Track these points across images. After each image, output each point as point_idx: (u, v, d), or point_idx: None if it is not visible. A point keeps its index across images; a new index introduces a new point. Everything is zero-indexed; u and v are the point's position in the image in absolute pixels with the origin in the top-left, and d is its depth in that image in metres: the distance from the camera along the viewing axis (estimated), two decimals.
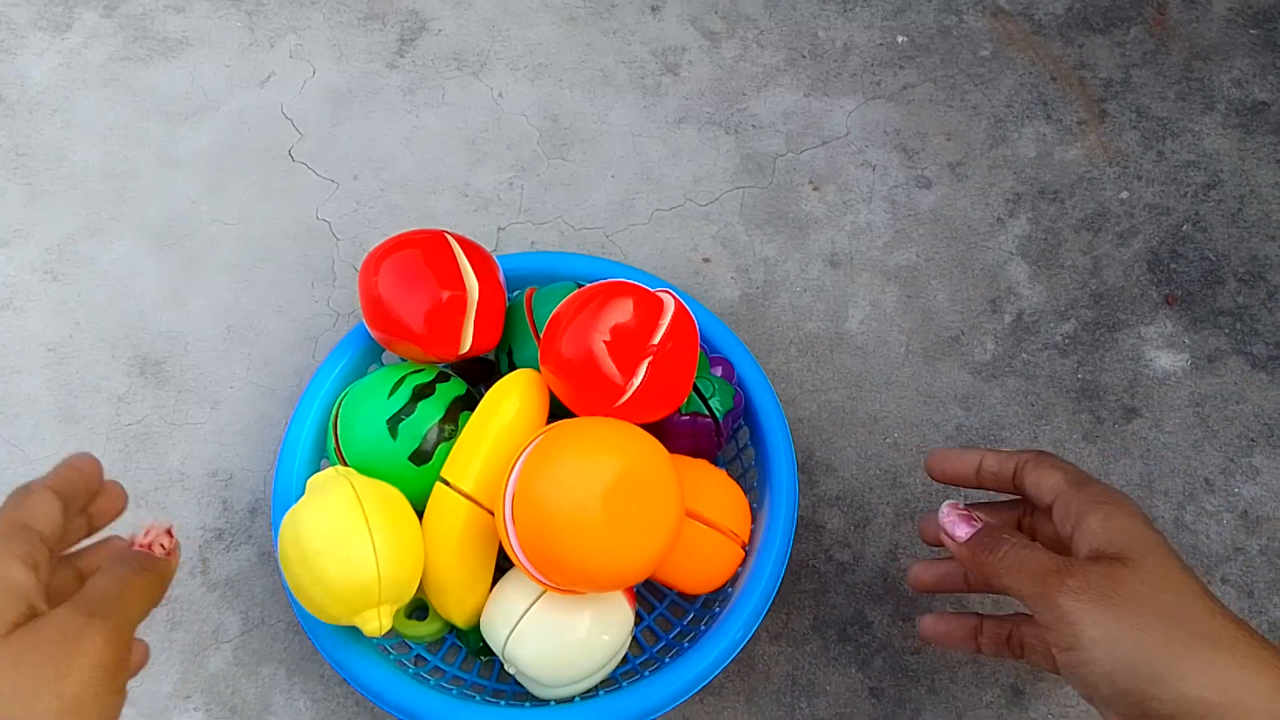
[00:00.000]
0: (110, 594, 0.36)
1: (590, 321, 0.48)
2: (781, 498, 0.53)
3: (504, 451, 0.50)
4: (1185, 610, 0.37)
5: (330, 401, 0.57)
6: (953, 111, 0.72)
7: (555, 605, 0.48)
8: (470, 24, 0.75)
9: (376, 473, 0.51)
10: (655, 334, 0.49)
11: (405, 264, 0.52)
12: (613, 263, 0.62)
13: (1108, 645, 0.37)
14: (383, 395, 0.52)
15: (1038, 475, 0.45)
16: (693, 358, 0.51)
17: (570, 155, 0.71)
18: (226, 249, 0.68)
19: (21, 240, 0.68)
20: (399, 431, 0.51)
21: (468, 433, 0.51)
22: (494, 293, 0.54)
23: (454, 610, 0.51)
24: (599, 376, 0.48)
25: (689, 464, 0.53)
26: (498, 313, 0.55)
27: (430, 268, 0.52)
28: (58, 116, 0.72)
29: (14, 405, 0.63)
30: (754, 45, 0.74)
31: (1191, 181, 0.69)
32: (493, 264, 0.55)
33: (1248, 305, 0.65)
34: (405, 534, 0.48)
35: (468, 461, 0.50)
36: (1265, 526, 0.59)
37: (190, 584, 0.59)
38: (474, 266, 0.53)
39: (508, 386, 0.52)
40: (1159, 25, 0.75)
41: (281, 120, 0.72)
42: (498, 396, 0.52)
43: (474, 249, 0.55)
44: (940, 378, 0.63)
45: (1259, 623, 0.57)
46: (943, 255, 0.67)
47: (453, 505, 0.50)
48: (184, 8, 0.76)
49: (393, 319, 0.52)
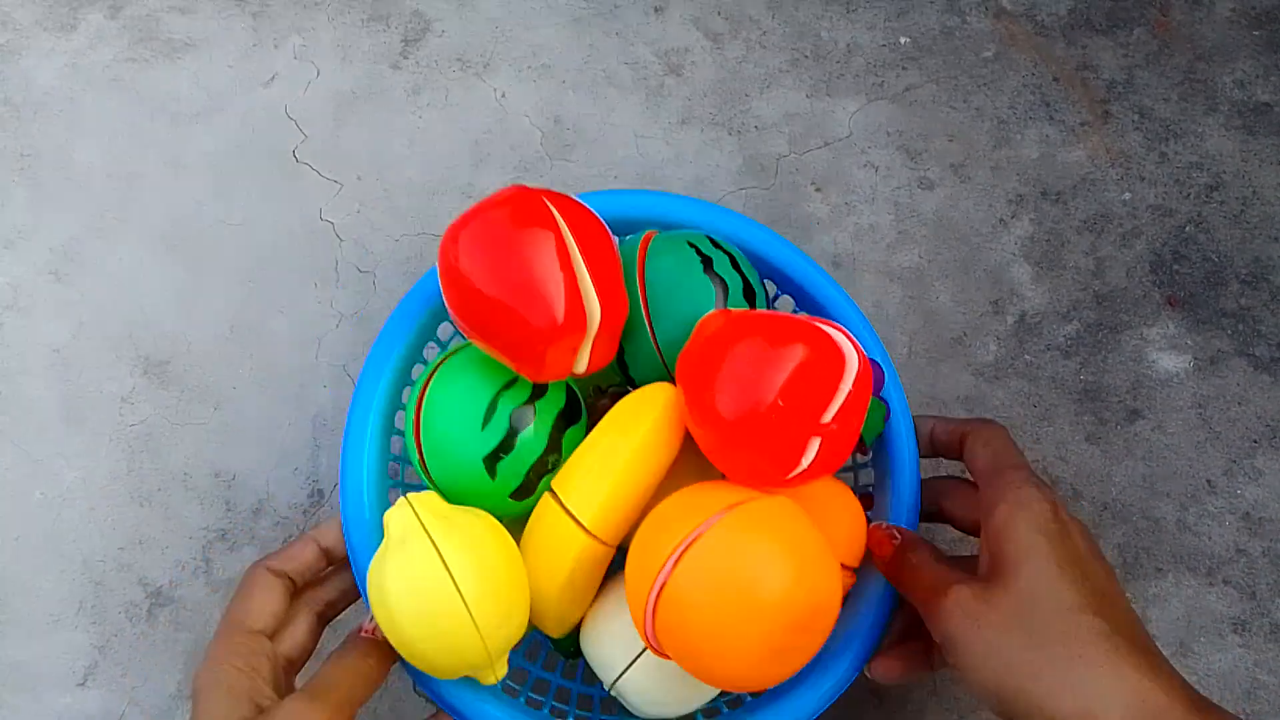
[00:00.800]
0: (334, 679, 0.41)
1: (758, 378, 0.38)
2: (901, 522, 0.48)
3: (633, 484, 0.44)
4: (1053, 626, 0.37)
5: (394, 389, 0.49)
6: (956, 113, 0.72)
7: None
8: (474, 25, 0.75)
9: (474, 504, 0.45)
10: (831, 403, 0.39)
11: (508, 265, 0.41)
12: (734, 214, 0.51)
13: (980, 665, 0.37)
14: (475, 426, 0.44)
15: (972, 449, 0.45)
16: (863, 415, 0.41)
17: (573, 156, 0.71)
18: (230, 250, 0.68)
19: (26, 242, 0.68)
20: (498, 471, 0.44)
21: (590, 452, 0.45)
22: (617, 309, 0.43)
23: (551, 626, 0.47)
24: (759, 451, 0.39)
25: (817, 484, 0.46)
26: (617, 330, 0.45)
27: (542, 277, 0.41)
28: (62, 118, 0.72)
29: (18, 406, 0.63)
30: (757, 46, 0.74)
31: (1194, 183, 0.69)
32: (614, 261, 0.44)
33: (1251, 307, 0.65)
34: (504, 587, 0.42)
35: (590, 491, 0.44)
36: (1268, 528, 0.59)
37: (193, 584, 0.59)
38: (592, 274, 0.42)
39: (643, 404, 0.45)
40: (1162, 26, 0.75)
41: (285, 121, 0.72)
42: (629, 415, 0.45)
43: (593, 234, 0.43)
44: (943, 379, 0.63)
45: (1261, 624, 0.57)
46: (945, 256, 0.67)
47: (566, 535, 0.44)
48: (189, 9, 0.76)
49: (490, 330, 0.42)
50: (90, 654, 0.57)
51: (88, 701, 0.56)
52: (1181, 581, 0.58)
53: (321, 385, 0.64)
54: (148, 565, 0.59)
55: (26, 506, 0.61)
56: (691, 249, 0.47)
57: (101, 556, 0.60)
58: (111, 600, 0.59)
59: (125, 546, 0.60)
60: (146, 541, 0.60)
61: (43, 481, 0.61)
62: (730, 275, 0.46)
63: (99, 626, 0.58)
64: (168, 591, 0.59)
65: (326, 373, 0.64)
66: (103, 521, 0.60)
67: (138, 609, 0.58)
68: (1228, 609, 0.58)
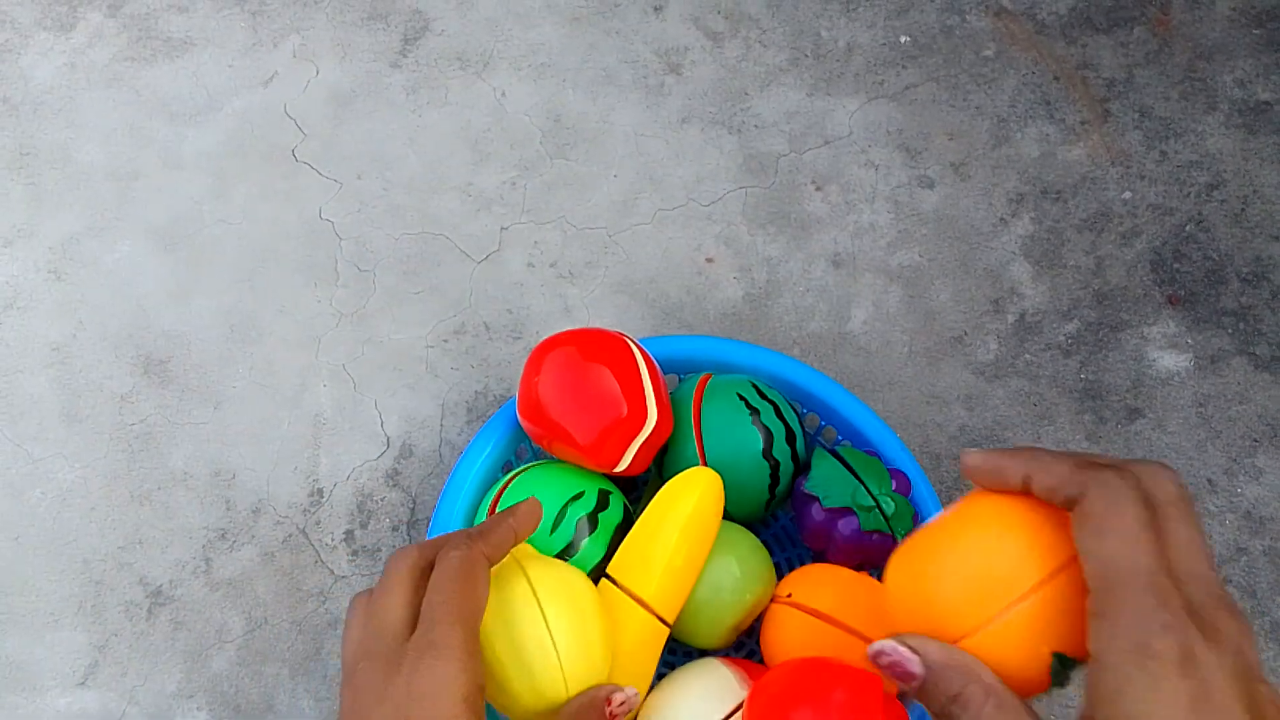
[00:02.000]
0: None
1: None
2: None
3: (683, 556, 0.48)
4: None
5: (479, 489, 0.54)
6: (955, 111, 0.72)
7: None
8: (473, 24, 0.75)
9: None
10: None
11: (588, 372, 0.50)
12: (787, 358, 0.57)
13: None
14: (545, 530, 0.49)
15: (1085, 541, 0.30)
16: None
17: (573, 155, 0.71)
18: (230, 249, 0.68)
19: (26, 240, 0.68)
20: None
21: (643, 534, 0.48)
22: (665, 426, 0.52)
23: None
24: None
25: (854, 580, 0.49)
26: (657, 447, 0.52)
27: (619, 380, 0.50)
28: (62, 116, 0.72)
29: (18, 404, 0.63)
30: (757, 45, 0.74)
31: (1194, 181, 0.69)
32: (666, 389, 0.53)
33: (1251, 305, 0.65)
34: (590, 630, 0.43)
35: (646, 568, 0.47)
36: (1268, 527, 0.59)
37: (193, 584, 0.59)
38: (656, 395, 0.51)
39: (686, 486, 0.49)
40: (1162, 25, 0.75)
41: (285, 120, 0.72)
42: (674, 496, 0.48)
43: (654, 367, 0.52)
44: (943, 378, 0.63)
45: (1262, 623, 0.57)
46: (945, 255, 0.67)
47: (627, 611, 0.47)
48: (187, 8, 0.76)
49: (560, 425, 0.49)
50: (90, 653, 0.57)
51: (87, 701, 0.56)
52: None
53: (321, 384, 0.64)
54: (147, 564, 0.59)
55: (26, 506, 0.61)
56: (741, 401, 0.53)
57: (101, 556, 0.60)
58: (111, 599, 0.58)
59: (125, 546, 0.60)
60: (146, 541, 0.60)
61: (42, 481, 0.61)
62: (774, 424, 0.53)
63: (99, 626, 0.58)
64: (167, 591, 0.59)
65: (326, 372, 0.64)
66: (102, 521, 0.60)
67: (137, 608, 0.58)
68: None
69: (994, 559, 0.33)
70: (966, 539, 0.34)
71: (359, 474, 0.61)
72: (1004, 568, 0.33)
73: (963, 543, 0.34)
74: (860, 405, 0.56)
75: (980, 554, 0.34)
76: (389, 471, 0.61)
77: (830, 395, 0.56)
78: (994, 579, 0.33)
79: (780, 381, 0.57)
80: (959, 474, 0.62)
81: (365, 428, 0.62)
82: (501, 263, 0.67)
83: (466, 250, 0.68)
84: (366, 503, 0.61)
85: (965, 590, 0.33)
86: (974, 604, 0.33)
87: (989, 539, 0.34)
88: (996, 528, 0.34)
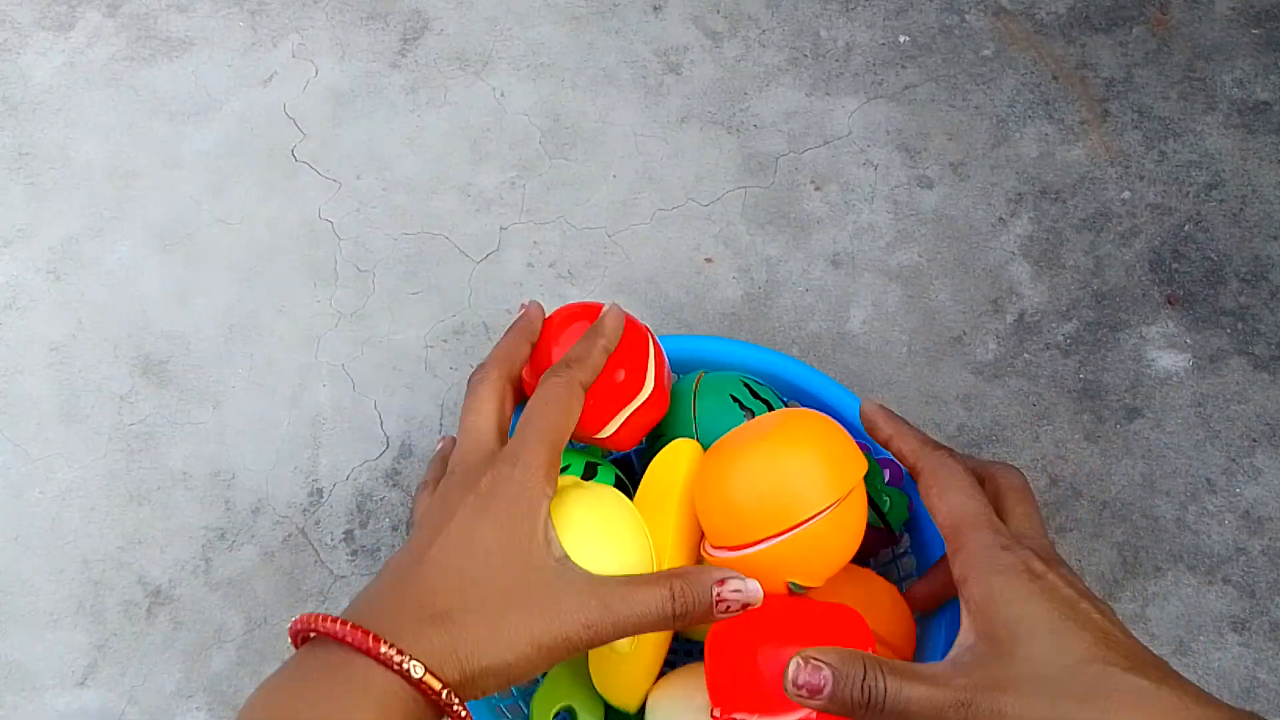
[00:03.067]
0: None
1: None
2: (945, 612, 0.49)
3: (689, 522, 0.47)
4: (1069, 687, 0.34)
5: None
6: (955, 111, 0.72)
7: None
8: (472, 24, 0.75)
9: None
10: None
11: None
12: (792, 359, 0.58)
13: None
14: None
15: (927, 495, 0.42)
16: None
17: (572, 155, 0.71)
18: (229, 249, 0.68)
19: (25, 240, 0.68)
20: None
21: (643, 506, 0.48)
22: (659, 403, 0.51)
23: (623, 695, 0.48)
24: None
25: (855, 574, 0.49)
26: (648, 425, 0.51)
27: (621, 345, 0.49)
28: (61, 116, 0.72)
29: (17, 404, 0.63)
30: (756, 45, 0.74)
31: (1193, 181, 0.69)
32: (668, 372, 0.52)
33: (1250, 305, 0.65)
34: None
35: (659, 538, 0.46)
36: (1267, 527, 0.59)
37: (193, 583, 0.59)
38: (657, 370, 0.50)
39: (674, 457, 0.48)
40: (1161, 25, 0.75)
41: (284, 120, 0.72)
42: (668, 465, 0.48)
43: (660, 352, 0.52)
44: (942, 378, 0.63)
45: (1261, 623, 0.57)
46: (945, 255, 0.67)
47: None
48: (187, 7, 0.76)
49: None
50: (89, 653, 0.57)
51: (87, 701, 0.56)
52: (1181, 580, 0.58)
53: (321, 384, 0.64)
54: (147, 564, 0.59)
55: (25, 506, 0.61)
56: (734, 402, 0.53)
57: (100, 556, 0.60)
58: (111, 599, 0.59)
59: (124, 546, 0.60)
60: (145, 541, 0.60)
61: (41, 480, 0.61)
62: None
63: (98, 626, 0.58)
64: (167, 591, 0.59)
65: (326, 372, 0.64)
66: (102, 521, 0.60)
67: (137, 608, 0.58)
68: (1227, 608, 0.58)
69: (795, 478, 0.42)
70: (773, 457, 0.42)
71: (358, 474, 0.61)
72: (803, 487, 0.42)
73: (768, 460, 0.42)
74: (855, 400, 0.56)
75: (784, 472, 0.42)
76: (389, 471, 0.61)
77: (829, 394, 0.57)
78: (794, 495, 0.42)
79: (778, 380, 0.58)
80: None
81: (365, 427, 0.62)
82: (501, 263, 0.67)
83: (466, 250, 0.68)
84: (366, 502, 0.61)
85: (766, 501, 0.42)
86: (773, 515, 0.42)
87: (794, 459, 0.42)
88: (801, 450, 0.42)
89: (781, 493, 0.42)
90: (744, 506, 0.43)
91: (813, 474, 0.42)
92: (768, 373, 0.57)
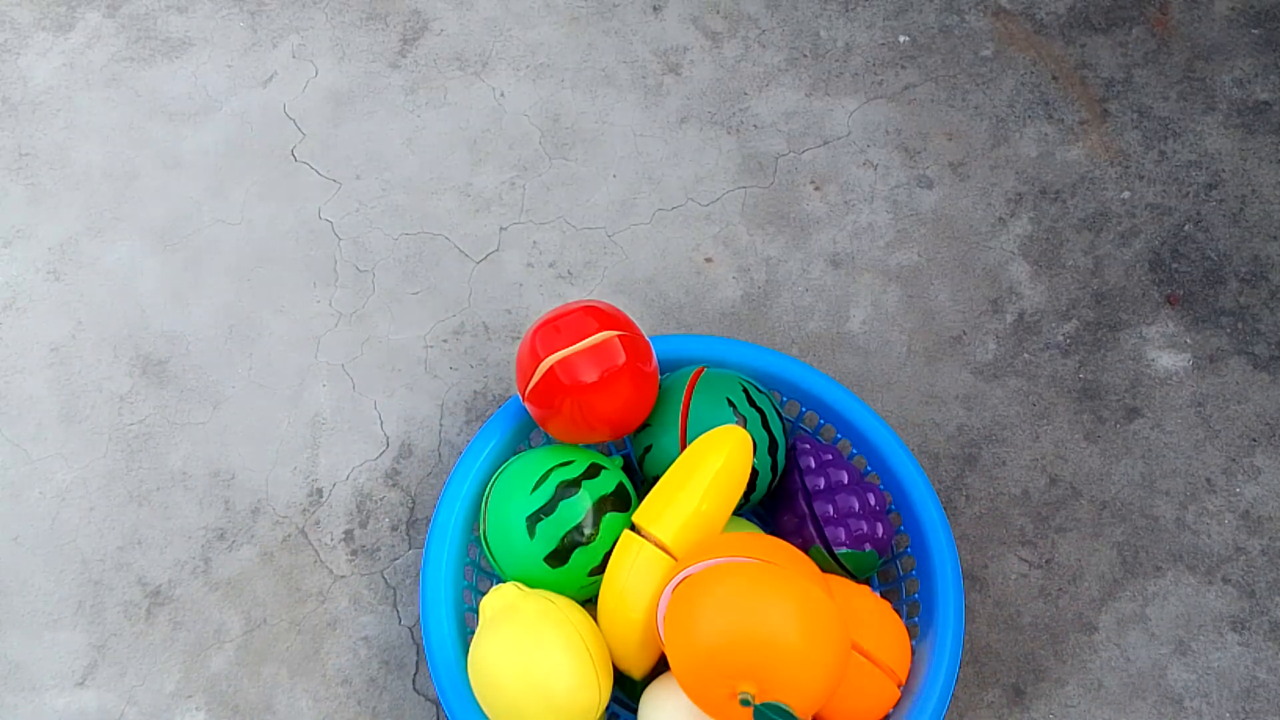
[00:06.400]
0: None
1: None
2: (947, 635, 0.50)
3: (710, 504, 0.49)
4: None
5: (479, 489, 0.55)
6: (954, 111, 0.72)
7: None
8: (472, 24, 0.75)
9: (513, 568, 0.50)
10: None
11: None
12: (786, 357, 0.59)
13: None
14: (526, 488, 0.51)
15: None
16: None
17: (572, 155, 0.71)
18: (228, 249, 0.68)
19: (24, 240, 0.68)
20: (537, 531, 0.50)
21: (671, 484, 0.50)
22: (642, 351, 0.53)
23: (634, 664, 0.50)
24: None
25: (850, 589, 0.51)
26: (645, 404, 0.53)
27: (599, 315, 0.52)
28: (60, 117, 0.72)
29: (16, 404, 0.63)
30: (755, 45, 0.74)
31: (1193, 181, 0.69)
32: (646, 349, 0.54)
33: (1249, 305, 0.65)
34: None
35: (671, 515, 0.49)
36: (1267, 526, 0.59)
37: (192, 584, 0.59)
38: (626, 331, 0.53)
39: (718, 441, 0.50)
40: (1161, 25, 0.75)
41: (284, 120, 0.72)
42: (705, 450, 0.50)
43: (641, 338, 0.54)
44: (942, 378, 0.63)
45: (1260, 623, 0.57)
46: (944, 255, 0.67)
47: (651, 559, 0.48)
48: (186, 8, 0.76)
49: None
50: (89, 653, 0.57)
51: (86, 700, 0.56)
52: (1180, 580, 0.58)
53: (320, 384, 0.64)
54: (146, 565, 0.59)
55: (25, 506, 0.61)
56: (730, 407, 0.54)
57: (100, 556, 0.60)
58: (110, 600, 0.58)
59: (124, 546, 0.60)
60: (145, 541, 0.60)
61: (41, 481, 0.61)
62: (758, 434, 0.53)
63: (98, 626, 0.58)
64: (166, 591, 0.59)
65: (325, 372, 0.64)
66: (101, 521, 0.60)
67: (136, 608, 0.58)
68: (1226, 607, 0.58)
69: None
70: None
71: (358, 474, 0.61)
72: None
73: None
74: (859, 403, 0.56)
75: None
76: (388, 471, 0.61)
77: (829, 394, 0.57)
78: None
79: (779, 381, 0.57)
80: (957, 474, 0.62)
81: (364, 428, 0.62)
82: (500, 263, 0.67)
83: (465, 250, 0.68)
84: (366, 503, 0.61)
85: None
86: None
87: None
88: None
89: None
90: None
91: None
92: (768, 373, 0.58)
